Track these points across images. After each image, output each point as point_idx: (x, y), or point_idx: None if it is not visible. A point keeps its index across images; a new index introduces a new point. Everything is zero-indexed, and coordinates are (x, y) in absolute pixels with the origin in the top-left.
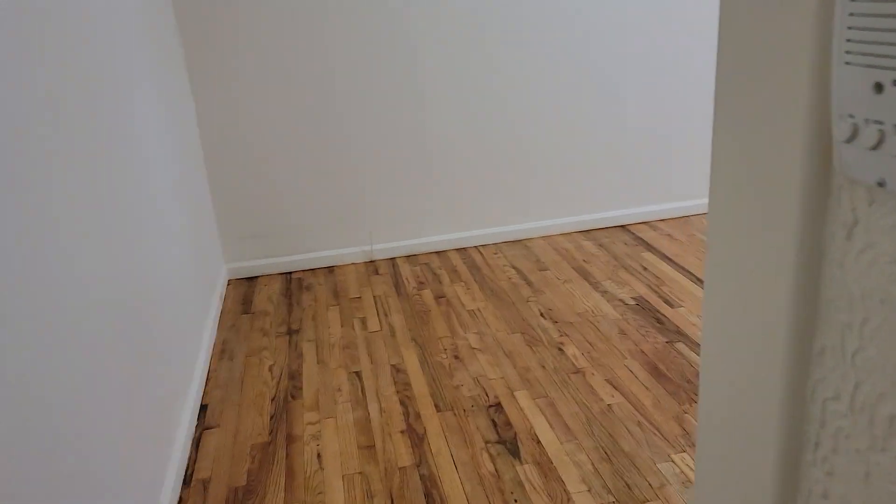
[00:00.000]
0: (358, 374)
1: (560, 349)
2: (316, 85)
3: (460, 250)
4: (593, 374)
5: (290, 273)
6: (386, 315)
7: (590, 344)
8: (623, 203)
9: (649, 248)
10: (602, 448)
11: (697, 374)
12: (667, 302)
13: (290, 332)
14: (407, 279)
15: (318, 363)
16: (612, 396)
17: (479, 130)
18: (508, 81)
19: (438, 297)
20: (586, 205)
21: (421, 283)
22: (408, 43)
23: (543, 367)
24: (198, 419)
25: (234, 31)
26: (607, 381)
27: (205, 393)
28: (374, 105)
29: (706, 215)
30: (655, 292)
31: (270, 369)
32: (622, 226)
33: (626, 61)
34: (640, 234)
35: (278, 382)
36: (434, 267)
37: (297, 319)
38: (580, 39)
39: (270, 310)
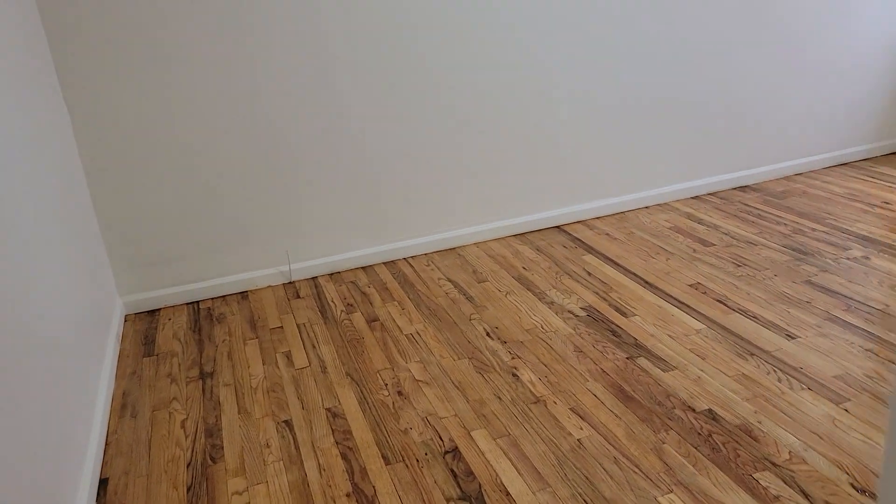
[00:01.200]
0: (288, 423)
1: (514, 375)
2: (218, 85)
3: (388, 264)
4: (555, 402)
5: (198, 302)
6: (314, 346)
7: (545, 366)
8: (556, 202)
9: (589, 249)
10: (580, 495)
11: (667, 394)
12: (618, 310)
13: (202, 376)
14: (333, 301)
15: (239, 413)
16: (581, 429)
17: (401, 133)
18: (431, 81)
19: (371, 320)
20: (518, 205)
21: (349, 305)
22: (323, 40)
23: (499, 398)
24: (97, 498)
25: (112, 30)
26: (572, 410)
27: (104, 463)
28: (287, 108)
29: None
30: (605, 300)
31: (183, 425)
32: (557, 226)
33: (554, 55)
34: (577, 235)
35: (194, 442)
36: (362, 285)
37: (211, 359)
38: (506, 35)
39: (178, 349)
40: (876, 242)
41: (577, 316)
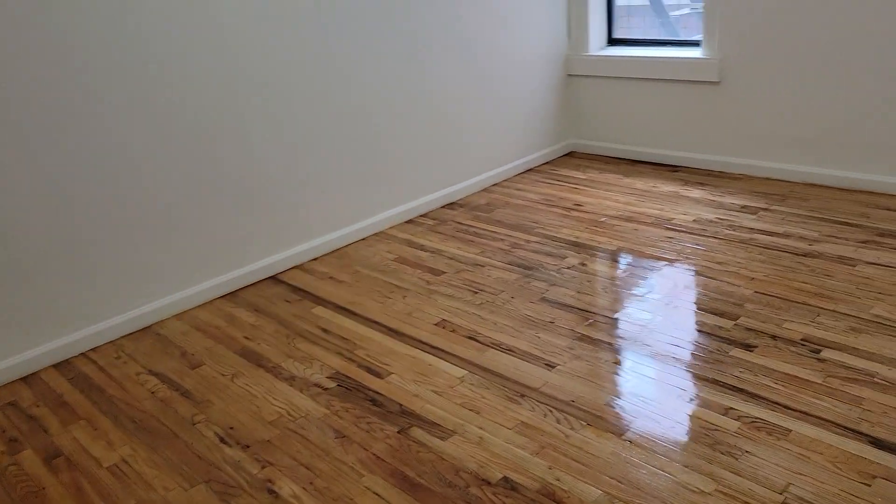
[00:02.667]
0: None
1: (271, 491)
2: None
3: (61, 366)
4: None
5: None
6: None
7: (307, 468)
8: (265, 248)
9: (316, 299)
10: None
11: (455, 470)
12: (371, 371)
13: None
14: None
15: None
16: None
17: (56, 181)
18: (89, 121)
19: (51, 457)
20: (222, 259)
21: (13, 441)
22: None
23: None
24: None
25: None
26: None
27: None
28: None
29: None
30: (352, 361)
31: None
32: (272, 276)
33: (241, 86)
34: (297, 283)
35: None
36: (26, 406)
37: None
38: (188, 70)
39: None
40: (584, 247)
41: (327, 389)
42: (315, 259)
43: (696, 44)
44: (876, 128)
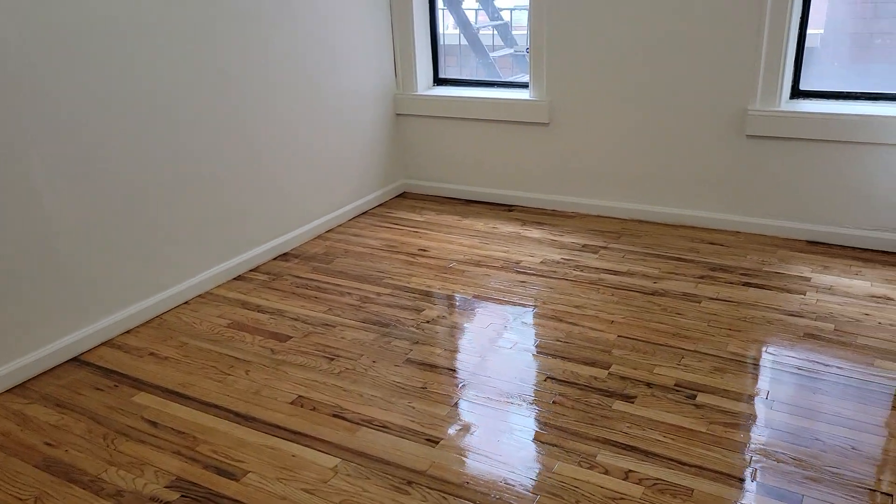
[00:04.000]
0: None
1: None
2: None
3: None
4: None
5: None
6: None
7: None
8: (64, 324)
9: (136, 383)
10: None
11: None
12: (222, 472)
13: None
14: None
15: None
16: None
17: None
18: None
19: None
20: (5, 345)
21: None
22: None
23: None
24: None
25: None
26: None
27: None
28: None
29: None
30: (195, 461)
31: None
32: (73, 358)
33: (31, 132)
34: (107, 364)
35: None
36: None
37: None
38: None
39: None
40: (439, 297)
41: (169, 503)
42: (128, 331)
43: (523, 85)
44: (695, 167)
